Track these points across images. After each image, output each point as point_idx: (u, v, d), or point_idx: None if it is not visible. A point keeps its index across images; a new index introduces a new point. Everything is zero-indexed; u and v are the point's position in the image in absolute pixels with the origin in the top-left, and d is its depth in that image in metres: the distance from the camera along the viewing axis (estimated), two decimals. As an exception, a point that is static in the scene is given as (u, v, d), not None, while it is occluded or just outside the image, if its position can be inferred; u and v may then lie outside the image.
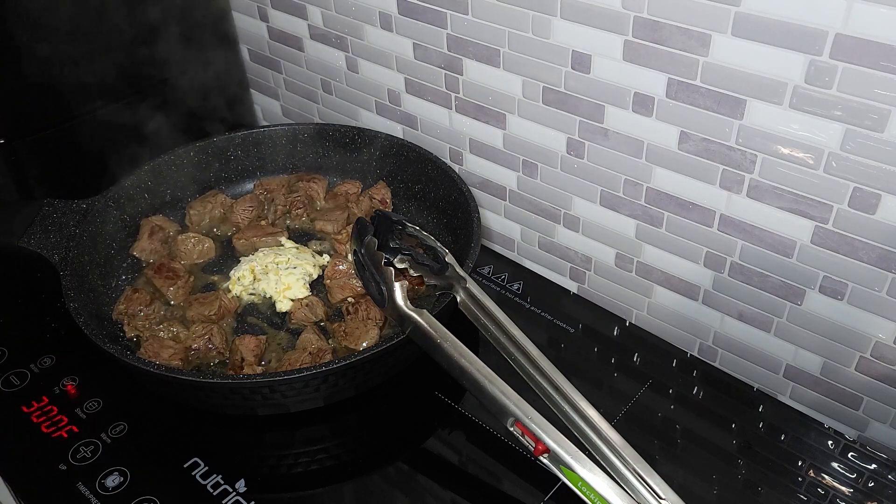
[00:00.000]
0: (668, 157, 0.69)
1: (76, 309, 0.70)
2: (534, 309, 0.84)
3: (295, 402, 0.67)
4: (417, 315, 0.63)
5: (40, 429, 0.70)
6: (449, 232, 0.86)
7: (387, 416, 0.72)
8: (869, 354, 0.67)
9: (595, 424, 0.59)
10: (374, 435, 0.71)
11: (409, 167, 0.91)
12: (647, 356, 0.78)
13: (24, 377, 0.75)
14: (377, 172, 0.94)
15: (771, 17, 0.57)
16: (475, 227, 0.77)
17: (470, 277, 0.68)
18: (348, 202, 0.92)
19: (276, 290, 0.80)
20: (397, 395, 0.73)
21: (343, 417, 0.71)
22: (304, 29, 0.96)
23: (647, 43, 0.64)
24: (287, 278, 0.80)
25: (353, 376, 0.67)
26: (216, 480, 0.66)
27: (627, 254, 0.79)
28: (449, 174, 0.85)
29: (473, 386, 0.59)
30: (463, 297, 0.69)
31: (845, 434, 0.70)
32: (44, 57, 0.85)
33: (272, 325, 0.78)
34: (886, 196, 0.58)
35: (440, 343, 0.61)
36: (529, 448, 0.57)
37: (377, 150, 0.93)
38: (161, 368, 0.65)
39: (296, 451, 0.69)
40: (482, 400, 0.59)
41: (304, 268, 0.82)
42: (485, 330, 0.67)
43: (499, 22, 0.74)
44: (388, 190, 0.91)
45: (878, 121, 0.56)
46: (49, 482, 0.65)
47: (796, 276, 0.67)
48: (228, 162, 0.94)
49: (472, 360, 0.59)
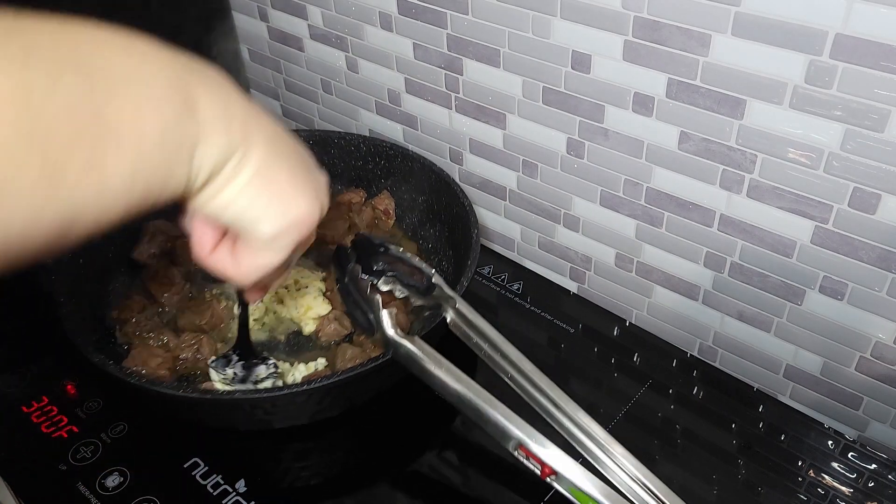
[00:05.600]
0: (668, 157, 0.69)
1: (65, 314, 0.68)
2: (534, 309, 0.84)
3: (280, 419, 0.66)
4: (409, 342, 0.60)
5: (40, 429, 0.70)
6: (450, 246, 0.84)
7: (388, 424, 0.72)
8: (869, 354, 0.67)
9: (598, 439, 0.57)
10: (373, 442, 0.71)
11: (413, 178, 0.89)
12: (647, 356, 0.78)
13: (24, 377, 0.75)
14: (381, 182, 0.92)
15: (771, 17, 0.57)
16: (473, 244, 0.75)
17: (460, 297, 0.66)
18: (350, 211, 0.90)
19: (298, 314, 0.78)
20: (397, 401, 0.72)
21: (345, 424, 0.71)
22: (304, 29, 0.96)
23: (647, 43, 0.64)
24: (303, 299, 0.78)
25: (340, 394, 0.65)
26: (216, 480, 0.66)
27: (627, 254, 0.79)
28: (452, 187, 0.83)
29: (473, 412, 0.57)
30: (453, 316, 0.66)
31: (845, 434, 0.70)
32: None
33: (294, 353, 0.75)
34: (886, 196, 0.58)
35: (434, 371, 0.58)
36: (535, 471, 0.55)
37: (382, 158, 0.91)
38: (142, 380, 0.64)
39: (295, 451, 0.69)
40: (483, 426, 0.57)
41: (314, 284, 0.80)
42: (478, 349, 0.64)
43: (499, 22, 0.74)
44: (391, 200, 0.90)
45: (878, 121, 0.56)
46: (49, 482, 0.65)
47: (796, 276, 0.67)
48: None
49: (469, 385, 0.57)
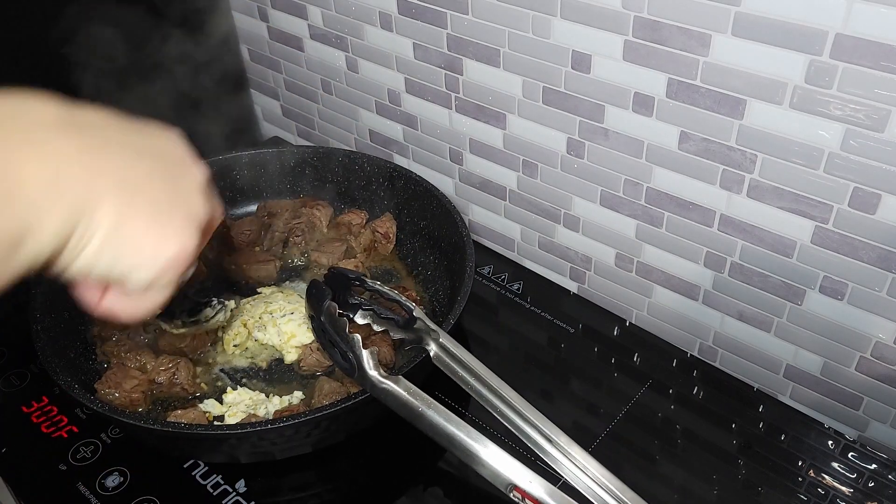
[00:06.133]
0: (668, 157, 0.69)
1: (37, 331, 0.67)
2: (534, 309, 0.84)
3: (246, 454, 0.65)
4: (394, 383, 0.57)
5: (40, 429, 0.70)
6: (448, 276, 0.82)
7: (371, 459, 0.72)
8: (869, 354, 0.67)
9: (593, 475, 0.56)
10: (353, 480, 0.71)
11: (415, 202, 0.87)
12: (647, 356, 0.78)
13: (24, 377, 0.75)
14: (385, 203, 0.90)
15: (771, 17, 0.57)
16: (466, 279, 0.72)
17: (442, 331, 0.64)
18: (350, 233, 0.88)
19: (279, 341, 0.75)
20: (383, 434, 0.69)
21: (317, 462, 0.71)
22: (304, 29, 0.96)
23: (647, 43, 0.64)
24: (287, 326, 0.75)
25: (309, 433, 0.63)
26: (216, 480, 0.66)
27: (627, 254, 0.79)
28: (453, 216, 0.80)
29: (464, 454, 0.55)
30: (436, 350, 0.64)
31: (845, 434, 0.70)
32: (40, 59, 0.85)
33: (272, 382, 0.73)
34: (886, 196, 0.58)
35: (423, 412, 0.56)
36: None
37: (386, 179, 0.89)
38: (103, 408, 0.61)
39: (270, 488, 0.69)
40: (475, 467, 0.55)
41: (299, 311, 0.76)
42: (463, 383, 0.62)
43: (499, 22, 0.74)
44: (393, 223, 0.88)
45: (878, 121, 0.56)
46: (49, 482, 0.65)
47: (796, 276, 0.67)
48: (234, 181, 0.91)
49: (459, 426, 0.55)
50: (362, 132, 1.00)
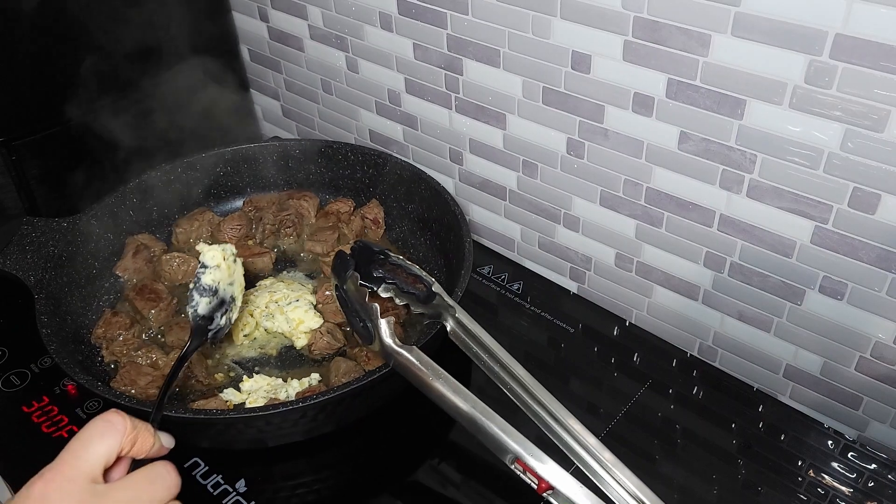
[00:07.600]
0: (668, 157, 0.69)
1: (48, 335, 0.67)
2: (534, 309, 0.84)
3: (273, 437, 0.65)
4: (407, 352, 0.60)
5: (41, 429, 0.70)
6: (441, 255, 0.83)
7: (384, 437, 0.72)
8: (869, 354, 0.67)
9: (596, 453, 0.56)
10: (369, 454, 0.71)
11: (402, 186, 0.88)
12: (647, 356, 0.78)
13: (25, 377, 0.75)
14: (370, 190, 0.91)
15: (771, 17, 0.57)
16: (466, 253, 0.73)
17: (459, 306, 0.66)
18: (339, 221, 0.89)
19: (289, 328, 0.76)
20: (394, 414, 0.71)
21: (339, 439, 0.71)
22: (304, 29, 0.96)
23: (647, 43, 0.64)
24: (294, 313, 0.76)
25: (334, 410, 0.64)
26: (216, 480, 0.66)
27: (627, 254, 0.79)
28: (443, 196, 0.81)
29: (469, 424, 0.56)
30: (452, 325, 0.66)
31: (845, 434, 0.70)
32: (40, 58, 0.85)
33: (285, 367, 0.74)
34: (886, 196, 0.58)
35: (432, 381, 0.58)
36: (531, 486, 0.54)
37: (370, 167, 0.90)
38: (132, 401, 0.62)
39: (289, 469, 0.69)
40: (480, 437, 0.56)
41: (304, 297, 0.78)
42: (477, 359, 0.64)
43: (499, 22, 0.74)
44: (380, 209, 0.89)
45: (878, 121, 0.56)
46: (49, 482, 0.65)
47: (796, 276, 0.67)
48: (218, 178, 0.91)
49: (466, 397, 0.57)
50: (362, 132, 1.00)
